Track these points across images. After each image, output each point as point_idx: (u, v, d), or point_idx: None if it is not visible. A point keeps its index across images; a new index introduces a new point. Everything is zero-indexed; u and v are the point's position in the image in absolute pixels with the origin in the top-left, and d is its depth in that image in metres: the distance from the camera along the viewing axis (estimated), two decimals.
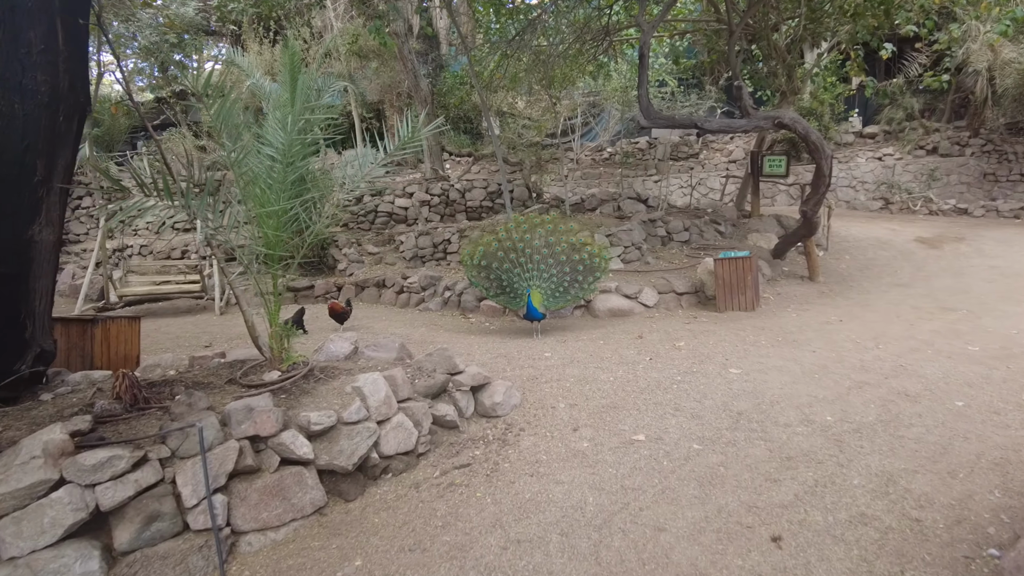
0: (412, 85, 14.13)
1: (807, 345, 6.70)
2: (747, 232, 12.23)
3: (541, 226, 8.05)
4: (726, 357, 6.30)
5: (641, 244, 10.71)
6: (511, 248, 7.91)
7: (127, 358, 5.45)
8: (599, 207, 13.58)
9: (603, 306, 8.72)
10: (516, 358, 6.57)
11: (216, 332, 9.06)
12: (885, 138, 17.59)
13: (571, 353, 6.66)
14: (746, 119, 8.47)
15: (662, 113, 9.05)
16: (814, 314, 8.21)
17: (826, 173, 8.74)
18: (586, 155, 21.64)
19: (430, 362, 4.79)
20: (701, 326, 7.83)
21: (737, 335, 7.23)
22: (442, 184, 14.40)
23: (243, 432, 3.36)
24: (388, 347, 5.12)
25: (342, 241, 12.80)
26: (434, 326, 8.93)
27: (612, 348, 6.83)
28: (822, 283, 9.89)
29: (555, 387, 5.47)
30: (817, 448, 4.09)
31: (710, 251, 10.82)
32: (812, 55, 14.34)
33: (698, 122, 8.47)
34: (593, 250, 7.96)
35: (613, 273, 9.68)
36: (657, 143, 20.50)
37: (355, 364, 4.83)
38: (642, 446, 4.22)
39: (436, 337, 7.98)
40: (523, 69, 12.74)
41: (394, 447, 3.93)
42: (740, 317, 8.26)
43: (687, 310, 8.85)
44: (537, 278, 7.80)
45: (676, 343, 6.94)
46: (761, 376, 5.63)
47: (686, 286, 9.16)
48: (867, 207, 16.59)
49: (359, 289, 11.52)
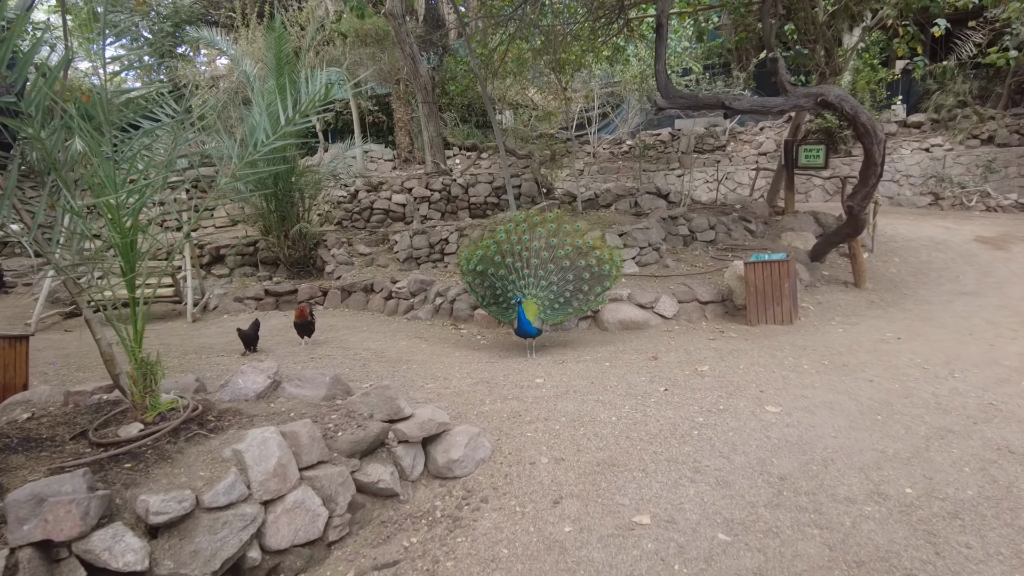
0: (410, 71, 12.97)
1: (861, 371, 5.39)
2: (780, 231, 10.86)
3: (543, 225, 6.84)
4: (761, 388, 5.02)
5: (659, 244, 9.42)
6: (508, 251, 6.72)
7: (6, 387, 4.37)
8: (614, 203, 12.29)
9: (613, 317, 7.47)
10: (500, 385, 5.37)
11: (174, 344, 8.00)
12: (932, 127, 15.97)
13: (568, 379, 5.44)
14: (783, 97, 7.13)
15: (683, 92, 7.76)
16: (865, 329, 6.86)
17: (877, 161, 7.38)
18: (604, 148, 20.34)
19: (366, 405, 3.62)
20: (729, 343, 6.54)
21: (773, 356, 5.93)
22: (443, 179, 13.24)
23: (25, 537, 2.21)
24: (316, 382, 3.95)
25: (331, 240, 11.71)
26: (418, 338, 7.77)
27: (620, 372, 5.59)
28: (870, 290, 8.51)
29: (540, 430, 4.26)
30: (900, 547, 2.82)
31: (739, 252, 9.50)
32: (850, 38, 12.86)
33: (726, 101, 7.17)
34: (603, 255, 6.73)
35: (626, 278, 8.43)
36: (680, 135, 19.11)
37: (268, 406, 3.67)
38: (646, 535, 2.99)
39: (415, 354, 6.82)
40: (528, 50, 11.54)
41: (289, 537, 2.76)
42: (776, 332, 6.95)
43: (712, 323, 7.55)
44: (534, 286, 6.59)
45: (698, 366, 5.67)
46: (807, 418, 4.35)
47: (711, 294, 7.86)
48: (913, 203, 15.02)
49: (345, 294, 10.42)
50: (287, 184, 11.14)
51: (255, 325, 6.73)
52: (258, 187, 11.26)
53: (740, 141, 18.79)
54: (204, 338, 8.49)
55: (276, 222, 11.48)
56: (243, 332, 6.62)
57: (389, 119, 21.10)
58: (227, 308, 10.54)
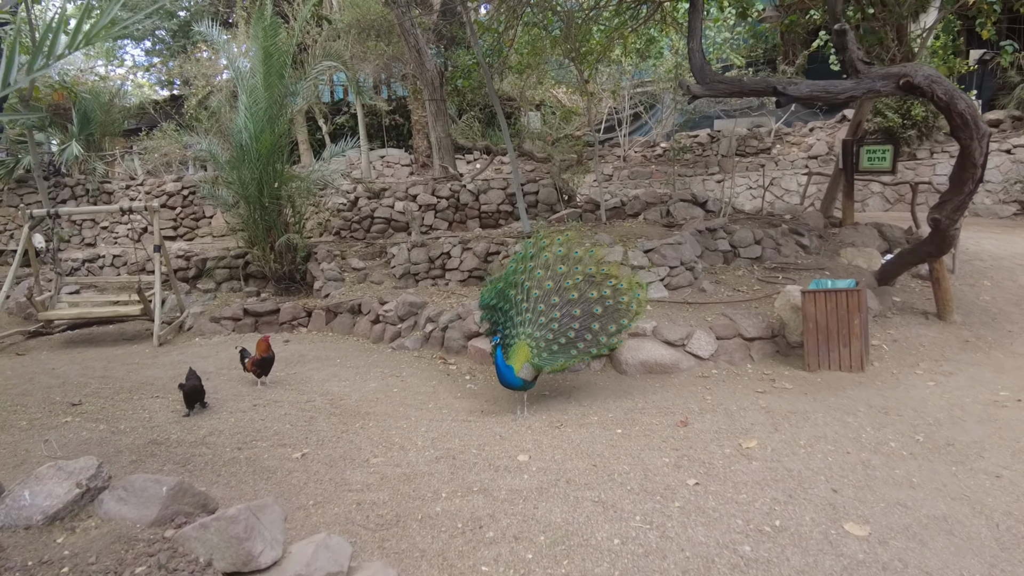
0: (416, 64, 11.69)
1: (979, 457, 3.81)
2: (838, 246, 9.19)
3: (550, 248, 5.41)
4: (834, 484, 3.49)
5: (694, 263, 7.87)
6: (513, 283, 5.32)
7: None
8: (643, 212, 10.75)
9: (633, 357, 5.97)
10: (469, 464, 3.96)
11: (116, 377, 6.80)
12: (1014, 125, 13.97)
13: (562, 458, 3.99)
14: (852, 80, 5.55)
15: (722, 75, 6.23)
16: (966, 383, 5.22)
17: (978, 161, 5.74)
18: (635, 151, 18.75)
19: (203, 544, 2.25)
20: (783, 400, 4.99)
21: (845, 425, 4.38)
22: (452, 184, 11.91)
23: None
24: (148, 495, 2.55)
25: (321, 253, 10.46)
26: (396, 376, 6.41)
27: (634, 448, 4.11)
28: (959, 324, 6.80)
29: (504, 561, 2.83)
30: None
31: (791, 273, 7.90)
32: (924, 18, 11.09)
33: (778, 86, 5.62)
34: (620, 284, 5.26)
35: (652, 305, 6.92)
36: (720, 136, 17.43)
37: (57, 540, 2.32)
38: None
39: (380, 402, 5.46)
40: (545, 38, 10.13)
41: None
42: (843, 383, 5.37)
43: (760, 366, 5.99)
44: (530, 323, 5.13)
45: (743, 440, 4.15)
46: (915, 551, 2.82)
47: (758, 327, 6.30)
48: (995, 213, 13.05)
49: (331, 315, 9.13)
50: (272, 191, 9.95)
51: (193, 375, 5.37)
52: (240, 194, 10.14)
53: (787, 143, 17.00)
54: (157, 368, 7.29)
55: (262, 233, 10.30)
56: (184, 388, 5.28)
57: (407, 121, 19.98)
58: (202, 329, 9.36)
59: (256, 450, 4.47)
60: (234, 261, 11.36)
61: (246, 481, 3.95)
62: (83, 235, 14.63)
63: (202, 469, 4.15)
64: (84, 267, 12.87)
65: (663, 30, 11.85)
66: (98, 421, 5.27)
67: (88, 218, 14.41)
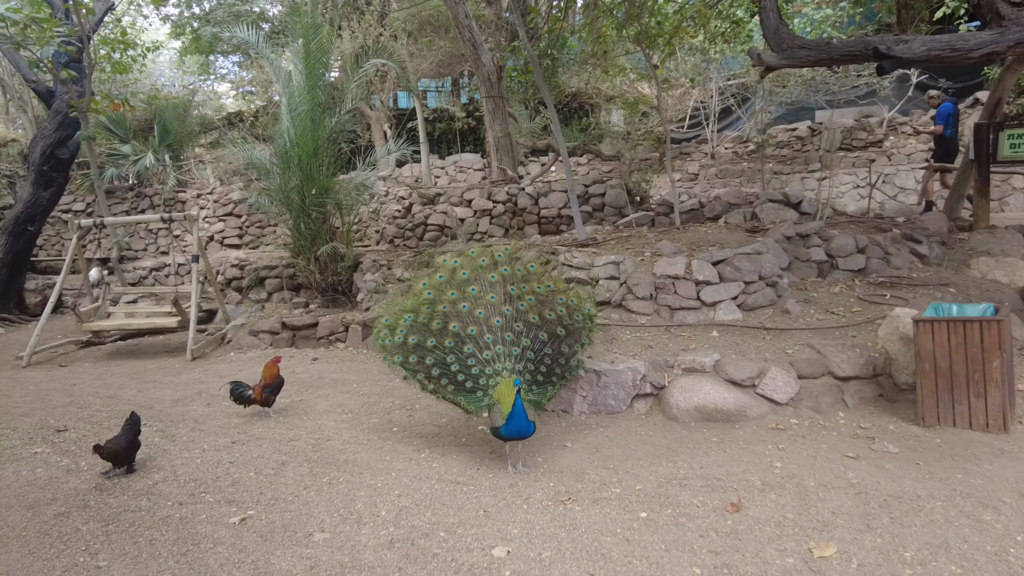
0: (472, 59, 10.87)
1: None
2: (969, 255, 7.43)
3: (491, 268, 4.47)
4: None
5: (777, 277, 6.45)
6: (453, 314, 4.39)
7: None
8: (724, 214, 9.35)
9: (687, 400, 4.74)
10: (424, 554, 2.96)
11: (127, 399, 6.36)
12: None
13: (552, 558, 2.89)
14: (993, 31, 4.06)
15: (804, 40, 4.87)
16: None
17: None
18: (725, 147, 17.04)
19: None
20: (884, 475, 3.62)
21: (979, 526, 2.99)
22: (509, 188, 10.97)
23: None
24: None
25: (367, 263, 9.82)
26: (404, 409, 5.52)
27: (658, 545, 2.95)
28: None
29: None
30: None
31: (902, 288, 6.32)
32: None
33: (880, 46, 4.19)
34: (570, 300, 4.56)
35: (719, 331, 5.63)
36: (822, 128, 15.45)
37: None
38: None
39: (367, 447, 4.58)
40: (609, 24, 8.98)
41: None
42: (976, 449, 3.90)
43: (855, 415, 4.58)
44: (504, 356, 4.24)
45: (815, 547, 2.87)
46: None
47: (855, 364, 4.86)
48: None
49: (367, 331, 8.42)
50: (312, 198, 9.42)
51: (131, 427, 4.42)
52: (283, 201, 9.71)
53: (902, 134, 14.78)
54: (171, 388, 6.84)
55: (307, 242, 9.82)
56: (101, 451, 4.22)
57: (481, 124, 19.36)
58: (240, 343, 8.94)
59: (198, 507, 3.70)
60: (285, 271, 11.01)
61: (158, 556, 3.16)
62: (158, 243, 14.96)
63: (122, 533, 3.43)
64: (151, 275, 13.03)
65: (748, 9, 10.37)
66: (65, 455, 4.76)
67: (162, 227, 14.69)
